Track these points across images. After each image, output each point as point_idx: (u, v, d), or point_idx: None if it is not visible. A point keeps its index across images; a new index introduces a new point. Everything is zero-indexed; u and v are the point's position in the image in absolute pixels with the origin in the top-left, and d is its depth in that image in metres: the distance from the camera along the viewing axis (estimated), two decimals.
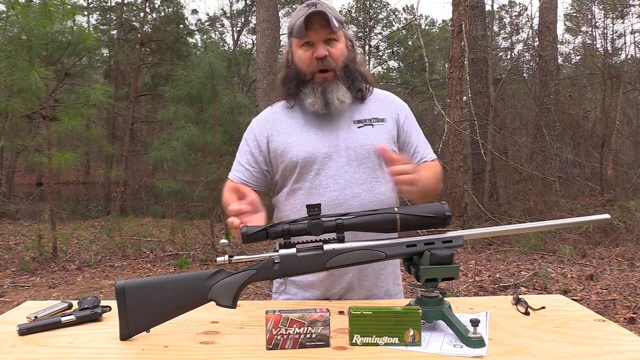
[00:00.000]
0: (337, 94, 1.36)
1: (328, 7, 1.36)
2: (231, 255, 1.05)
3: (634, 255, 5.50)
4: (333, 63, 1.36)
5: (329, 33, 1.34)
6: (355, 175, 1.36)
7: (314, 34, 1.34)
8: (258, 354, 0.95)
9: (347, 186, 1.35)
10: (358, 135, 1.39)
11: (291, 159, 1.38)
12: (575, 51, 17.51)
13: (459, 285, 4.62)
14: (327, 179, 1.36)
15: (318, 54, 1.35)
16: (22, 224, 9.00)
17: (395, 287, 1.47)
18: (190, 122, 6.43)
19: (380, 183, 1.38)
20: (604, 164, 9.62)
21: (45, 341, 1.03)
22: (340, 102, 1.36)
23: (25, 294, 4.78)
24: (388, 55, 21.08)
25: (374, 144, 1.37)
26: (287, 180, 1.42)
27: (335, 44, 1.37)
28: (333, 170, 1.36)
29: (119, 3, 15.20)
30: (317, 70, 1.36)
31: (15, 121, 6.72)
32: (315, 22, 1.33)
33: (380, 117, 1.43)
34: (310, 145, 1.37)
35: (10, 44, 6.12)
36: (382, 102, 1.48)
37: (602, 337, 1.03)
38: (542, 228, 1.11)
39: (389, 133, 1.42)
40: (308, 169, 1.37)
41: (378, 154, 1.34)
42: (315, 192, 1.36)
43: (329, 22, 1.31)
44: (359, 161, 1.37)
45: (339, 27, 1.35)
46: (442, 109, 7.73)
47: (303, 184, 1.38)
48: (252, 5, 17.77)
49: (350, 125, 1.40)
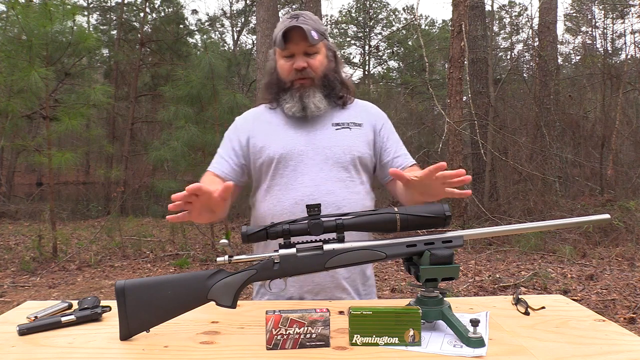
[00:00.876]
0: (313, 100, 1.43)
1: (310, 19, 1.43)
2: (231, 255, 1.06)
3: (634, 255, 5.50)
4: (312, 73, 1.44)
5: (308, 46, 1.41)
6: (331, 173, 1.40)
7: (293, 46, 1.42)
8: (258, 354, 0.95)
9: (322, 183, 1.39)
10: (336, 136, 1.44)
11: (268, 154, 1.43)
12: (575, 51, 17.52)
13: (459, 285, 4.62)
14: (303, 175, 1.40)
15: (297, 66, 1.42)
16: (22, 224, 9.00)
17: (367, 288, 1.49)
18: (190, 122, 6.43)
19: (355, 182, 1.43)
20: (604, 164, 9.61)
21: (45, 341, 1.03)
22: (316, 107, 1.43)
23: (25, 294, 4.78)
24: (388, 55, 21.08)
25: (350, 146, 1.43)
26: (263, 177, 1.46)
27: (314, 56, 1.44)
28: (309, 167, 1.40)
29: (119, 3, 15.20)
30: (296, 78, 1.44)
31: (15, 121, 6.73)
32: (294, 35, 1.40)
33: (358, 122, 1.49)
34: (288, 142, 1.43)
35: (10, 44, 6.12)
36: (362, 110, 1.55)
37: (602, 337, 1.03)
38: (542, 228, 1.11)
39: (365, 137, 1.48)
40: (284, 164, 1.41)
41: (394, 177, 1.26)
42: (291, 188, 1.40)
43: (307, 36, 1.37)
44: (334, 160, 1.42)
45: (318, 39, 1.42)
46: (442, 109, 7.73)
47: (279, 179, 1.42)
48: (252, 5, 17.78)
49: (329, 127, 1.46)
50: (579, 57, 16.58)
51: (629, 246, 5.79)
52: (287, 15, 1.45)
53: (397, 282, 4.88)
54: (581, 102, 11.43)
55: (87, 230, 8.19)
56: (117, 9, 15.46)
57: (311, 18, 1.44)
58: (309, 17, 1.44)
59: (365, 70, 20.53)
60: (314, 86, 1.44)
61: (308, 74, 1.43)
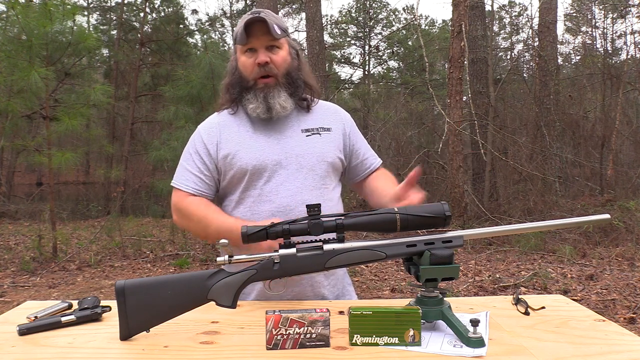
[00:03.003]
0: (278, 100, 1.39)
1: (271, 15, 1.40)
2: (231, 255, 1.06)
3: (634, 255, 5.50)
4: (275, 69, 1.39)
5: (270, 40, 1.37)
6: (305, 182, 1.38)
7: (255, 40, 1.37)
8: (258, 354, 0.95)
9: (297, 193, 1.36)
10: (307, 144, 1.41)
11: (240, 166, 1.38)
12: (575, 51, 17.51)
13: (459, 285, 4.62)
14: (277, 186, 1.37)
15: (259, 60, 1.37)
16: (22, 224, 9.00)
17: (348, 287, 1.51)
18: (190, 122, 6.42)
19: (329, 189, 1.42)
20: (604, 164, 9.61)
21: (45, 341, 1.03)
22: (282, 107, 1.39)
23: (25, 294, 4.78)
24: (388, 55, 21.07)
25: (322, 152, 1.41)
26: (234, 188, 1.41)
27: (277, 51, 1.40)
28: (283, 178, 1.37)
29: (119, 3, 15.19)
30: (259, 76, 1.39)
31: (15, 121, 6.73)
32: (256, 29, 1.36)
33: (326, 127, 1.47)
34: (260, 152, 1.38)
35: (10, 44, 6.11)
36: (328, 113, 1.52)
37: (602, 337, 1.03)
38: (542, 228, 1.11)
39: (335, 141, 1.46)
40: (258, 176, 1.38)
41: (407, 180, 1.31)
42: (265, 199, 1.36)
43: (270, 29, 1.34)
44: (308, 168, 1.39)
45: (281, 34, 1.38)
46: (442, 109, 7.73)
47: (252, 191, 1.38)
48: (252, 5, 17.77)
49: (299, 134, 1.43)
50: (579, 57, 16.58)
51: (629, 246, 5.79)
52: (248, 13, 1.40)
53: (397, 282, 4.88)
54: (581, 102, 11.44)
55: (87, 230, 8.18)
56: (117, 9, 15.45)
57: (272, 14, 1.41)
58: (271, 13, 1.41)
59: (365, 70, 20.51)
60: (278, 85, 1.40)
61: (271, 69, 1.38)
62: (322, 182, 1.40)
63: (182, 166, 1.44)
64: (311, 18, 8.65)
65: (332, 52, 20.51)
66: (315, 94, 1.49)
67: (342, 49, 21.31)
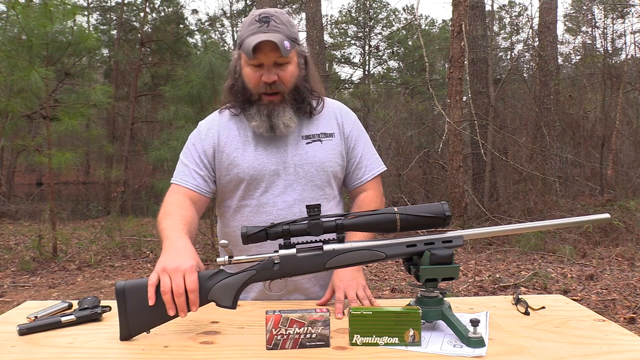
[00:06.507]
0: (283, 119, 1.32)
1: (281, 24, 1.30)
2: (231, 256, 1.06)
3: (634, 255, 5.50)
4: (282, 87, 1.32)
5: (279, 57, 1.28)
6: (304, 193, 1.36)
7: (263, 57, 1.28)
8: (258, 354, 0.95)
9: (295, 204, 1.35)
10: (307, 152, 1.37)
11: (237, 174, 1.35)
12: (575, 51, 17.52)
13: (459, 285, 4.62)
14: (275, 197, 1.35)
15: (266, 79, 1.30)
16: (22, 224, 9.00)
17: None
18: (190, 122, 6.42)
19: (328, 199, 1.40)
20: (604, 164, 9.61)
21: (45, 341, 1.03)
22: (285, 126, 1.33)
23: (25, 294, 4.78)
24: (388, 55, 21.07)
25: (322, 161, 1.37)
26: (232, 195, 1.39)
27: (285, 67, 1.31)
28: (281, 189, 1.35)
29: (119, 3, 15.19)
30: (264, 92, 1.33)
31: (15, 121, 6.73)
32: (264, 46, 1.26)
33: (328, 132, 1.41)
34: (258, 161, 1.35)
35: (10, 44, 6.12)
36: (332, 115, 1.45)
37: (602, 337, 1.03)
38: (542, 228, 1.11)
39: (336, 148, 1.41)
40: (255, 186, 1.35)
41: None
42: (263, 210, 1.35)
43: (279, 47, 1.25)
44: (307, 179, 1.36)
45: (290, 49, 1.28)
46: (442, 109, 7.73)
47: (250, 201, 1.36)
48: (252, 5, 17.77)
49: (299, 141, 1.38)
50: (579, 57, 16.58)
51: (629, 246, 5.79)
52: (256, 17, 1.30)
53: (397, 282, 4.88)
54: (581, 102, 11.43)
55: (87, 230, 8.18)
56: (117, 9, 15.45)
57: (282, 22, 1.30)
58: (280, 20, 1.30)
59: (365, 70, 20.51)
60: (284, 102, 1.33)
61: (277, 87, 1.31)
62: (321, 193, 1.38)
63: (181, 161, 1.42)
64: (311, 18, 8.65)
65: (332, 52, 20.50)
66: (320, 100, 1.43)
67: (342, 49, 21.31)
